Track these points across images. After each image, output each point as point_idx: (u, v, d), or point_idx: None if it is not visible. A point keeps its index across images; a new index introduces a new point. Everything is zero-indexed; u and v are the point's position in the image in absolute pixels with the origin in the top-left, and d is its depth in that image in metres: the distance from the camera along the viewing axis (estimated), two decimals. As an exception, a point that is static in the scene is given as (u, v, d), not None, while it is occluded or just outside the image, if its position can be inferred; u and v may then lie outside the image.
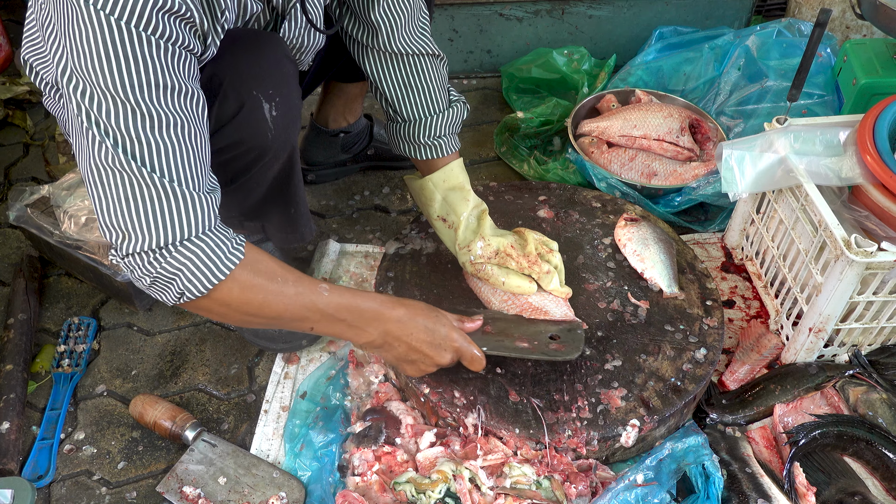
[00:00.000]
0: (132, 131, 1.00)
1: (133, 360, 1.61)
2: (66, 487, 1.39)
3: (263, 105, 1.24)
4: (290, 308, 1.17)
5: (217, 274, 1.09)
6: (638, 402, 1.36)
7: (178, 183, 1.04)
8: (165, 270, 1.07)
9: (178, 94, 1.02)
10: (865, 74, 1.85)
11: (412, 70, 1.47)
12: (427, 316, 1.28)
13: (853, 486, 1.34)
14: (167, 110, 1.01)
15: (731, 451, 1.37)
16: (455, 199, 1.49)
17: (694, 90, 2.19)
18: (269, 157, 1.31)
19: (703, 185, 1.86)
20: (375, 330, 1.25)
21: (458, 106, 1.53)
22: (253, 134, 1.25)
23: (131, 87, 0.97)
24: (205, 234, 1.08)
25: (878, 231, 1.45)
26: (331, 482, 1.34)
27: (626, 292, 1.55)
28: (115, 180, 1.02)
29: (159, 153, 1.02)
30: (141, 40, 0.96)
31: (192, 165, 1.05)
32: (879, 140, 1.45)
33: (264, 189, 1.41)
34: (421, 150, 1.51)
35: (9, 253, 1.83)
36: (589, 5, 2.34)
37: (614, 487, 1.26)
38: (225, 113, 1.22)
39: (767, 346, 1.59)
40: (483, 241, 1.47)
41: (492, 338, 1.38)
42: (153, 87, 0.99)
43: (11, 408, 1.45)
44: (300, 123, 1.35)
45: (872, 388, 1.48)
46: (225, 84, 1.21)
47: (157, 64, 0.98)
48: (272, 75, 1.25)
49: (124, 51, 0.96)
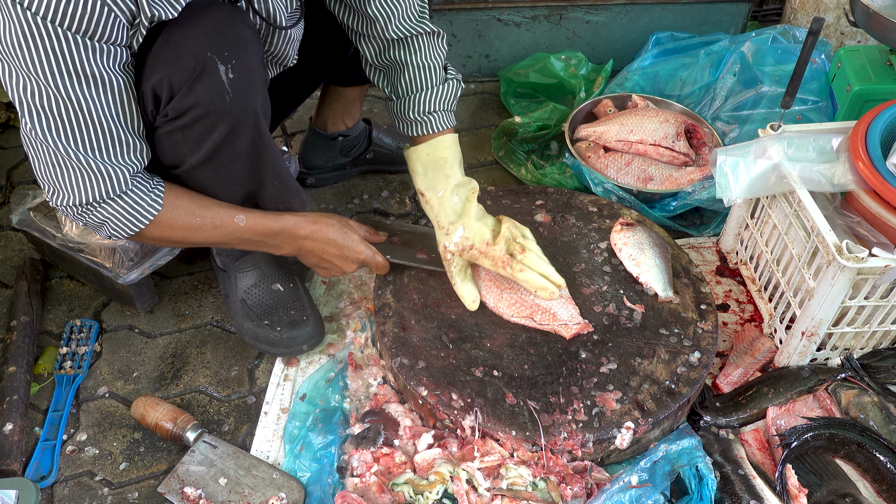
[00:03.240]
0: (51, 111, 1.15)
1: (134, 362, 1.62)
2: (69, 488, 1.41)
3: (219, 67, 1.22)
4: (209, 239, 1.40)
5: (137, 224, 1.30)
6: (633, 405, 1.37)
7: (93, 154, 1.20)
8: (93, 220, 1.28)
9: (92, 83, 1.14)
10: (859, 81, 1.87)
11: (407, 50, 1.48)
12: (336, 231, 1.47)
13: (844, 487, 1.36)
14: (81, 95, 1.14)
15: (724, 454, 1.39)
16: (436, 174, 1.49)
17: (690, 95, 2.21)
18: (231, 123, 1.28)
19: (699, 189, 1.87)
20: (290, 246, 1.47)
21: (452, 83, 1.52)
22: (210, 98, 1.23)
23: (51, 75, 1.10)
24: (121, 193, 1.26)
25: (870, 237, 1.47)
26: (330, 483, 1.36)
27: (622, 296, 1.57)
28: (40, 149, 1.20)
29: (73, 130, 1.17)
30: (59, 36, 1.07)
31: (104, 140, 1.20)
32: (871, 147, 1.47)
33: (242, 167, 1.37)
34: (413, 126, 1.51)
35: (11, 256, 1.84)
36: (586, 11, 2.36)
37: (609, 489, 1.28)
38: (180, 76, 1.21)
39: (761, 349, 1.61)
40: (463, 230, 1.47)
41: (397, 248, 1.58)
42: (68, 76, 1.11)
43: (14, 409, 1.46)
44: (263, 90, 1.32)
45: (864, 392, 1.50)
46: (179, 47, 1.21)
47: (73, 57, 1.10)
48: (227, 38, 1.24)
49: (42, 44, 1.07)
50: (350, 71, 1.83)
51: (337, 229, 1.48)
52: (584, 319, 1.49)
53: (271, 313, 1.59)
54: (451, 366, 1.43)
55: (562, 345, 1.47)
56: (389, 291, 1.58)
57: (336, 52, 1.73)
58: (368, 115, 2.29)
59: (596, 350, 1.46)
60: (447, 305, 1.55)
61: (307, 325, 1.57)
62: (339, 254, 1.49)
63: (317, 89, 1.91)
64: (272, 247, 1.47)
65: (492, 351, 1.46)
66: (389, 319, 1.53)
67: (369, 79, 1.59)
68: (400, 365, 1.44)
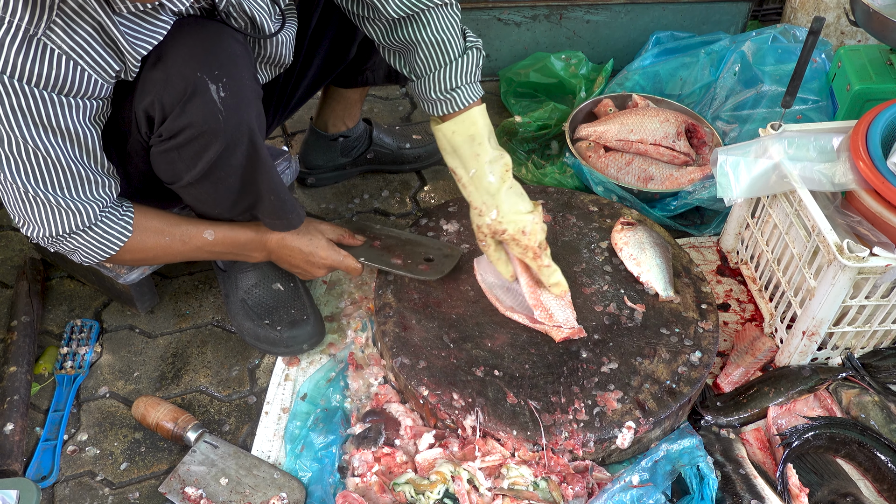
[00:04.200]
0: (19, 155, 1.17)
1: (135, 362, 1.62)
2: (70, 488, 1.41)
3: (210, 86, 1.22)
4: (180, 255, 1.45)
5: (108, 251, 1.34)
6: (634, 405, 1.37)
7: (61, 194, 1.23)
8: (64, 248, 1.32)
9: (59, 135, 1.17)
10: (859, 80, 1.87)
11: (416, 27, 1.40)
12: (300, 238, 1.50)
13: (845, 487, 1.36)
14: (49, 145, 1.17)
15: (725, 453, 1.39)
16: (466, 151, 1.42)
17: (690, 95, 2.21)
18: (226, 140, 1.27)
19: (699, 189, 1.87)
20: (260, 253, 1.51)
21: (472, 52, 1.42)
22: (203, 118, 1.23)
23: (17, 126, 1.13)
24: (90, 225, 1.29)
25: (871, 236, 1.47)
26: (331, 483, 1.36)
27: (623, 296, 1.57)
28: (9, 188, 1.22)
29: (40, 173, 1.20)
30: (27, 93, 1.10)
31: (71, 181, 1.23)
32: (872, 146, 1.47)
33: (236, 181, 1.36)
34: (437, 105, 1.42)
35: (12, 255, 1.84)
36: (586, 10, 2.36)
37: (610, 488, 1.28)
38: (172, 97, 1.21)
39: (762, 349, 1.61)
40: (497, 214, 1.41)
41: (375, 251, 1.61)
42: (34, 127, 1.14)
43: (15, 409, 1.46)
44: (256, 105, 1.31)
45: (865, 391, 1.50)
46: (169, 68, 1.21)
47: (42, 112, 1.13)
48: (216, 56, 1.23)
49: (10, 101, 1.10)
50: (351, 73, 1.83)
51: (301, 236, 1.50)
52: (579, 325, 1.49)
53: (272, 313, 1.59)
54: (452, 365, 1.43)
55: (562, 344, 1.47)
56: (390, 291, 1.58)
57: (338, 55, 1.73)
58: (369, 114, 2.29)
59: (597, 350, 1.46)
60: (448, 305, 1.55)
61: (307, 325, 1.57)
62: (306, 259, 1.52)
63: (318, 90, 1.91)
64: (245, 256, 1.52)
65: (493, 350, 1.46)
66: (390, 319, 1.53)
67: (388, 61, 1.51)
68: (401, 365, 1.44)
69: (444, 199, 2.02)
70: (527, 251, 1.43)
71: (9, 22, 1.04)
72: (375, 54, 1.78)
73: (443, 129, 1.43)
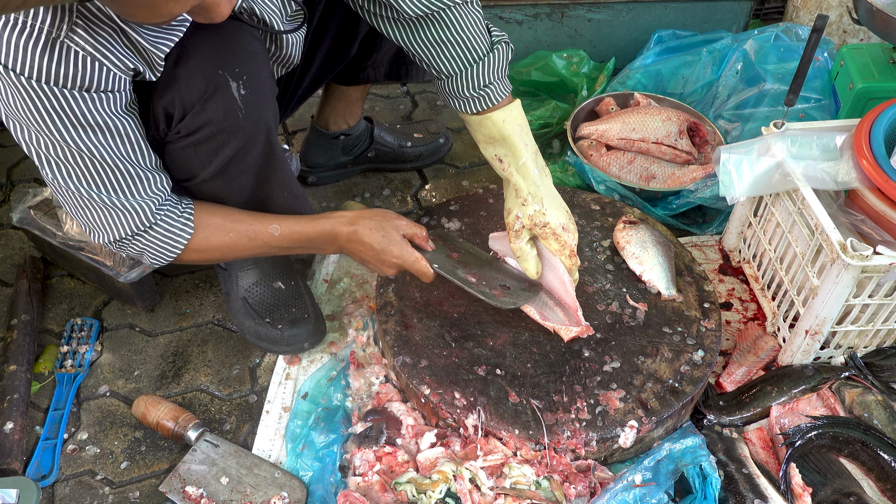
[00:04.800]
0: (66, 160, 1.18)
1: (135, 361, 1.62)
2: (70, 487, 1.40)
3: (231, 83, 1.23)
4: (247, 253, 1.41)
5: (173, 251, 1.33)
6: (636, 404, 1.37)
7: (115, 195, 1.23)
8: (131, 251, 1.32)
9: (98, 130, 1.17)
10: (862, 79, 1.87)
11: (439, 27, 1.37)
12: (374, 233, 1.39)
13: (849, 486, 1.36)
14: (91, 143, 1.17)
15: (728, 452, 1.39)
16: (513, 143, 1.41)
17: (692, 93, 2.21)
18: (244, 138, 1.29)
19: (701, 188, 1.87)
20: (331, 247, 1.43)
21: (500, 47, 1.41)
22: (223, 114, 1.25)
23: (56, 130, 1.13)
24: (150, 225, 1.28)
25: (874, 235, 1.47)
26: (332, 482, 1.35)
27: (625, 294, 1.57)
28: (67, 196, 1.24)
29: (90, 176, 1.21)
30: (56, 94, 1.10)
31: (121, 180, 1.23)
32: (875, 144, 1.47)
33: (250, 178, 1.37)
34: (470, 103, 1.41)
35: (11, 254, 1.84)
36: (588, 9, 2.35)
37: (613, 488, 1.28)
38: (193, 95, 1.23)
39: (764, 348, 1.61)
40: (541, 206, 1.41)
41: (449, 262, 1.47)
42: (73, 128, 1.14)
43: (15, 408, 1.46)
44: (273, 102, 1.33)
45: (868, 390, 1.50)
46: (191, 66, 1.22)
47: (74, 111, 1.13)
48: (237, 54, 1.25)
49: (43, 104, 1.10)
50: (352, 70, 1.83)
51: (375, 231, 1.39)
52: (587, 322, 1.48)
53: (272, 311, 1.58)
54: (454, 364, 1.43)
55: (565, 343, 1.46)
56: (391, 290, 1.58)
57: (339, 52, 1.72)
58: (370, 113, 2.29)
59: (599, 348, 1.46)
60: (449, 304, 1.54)
61: (308, 323, 1.57)
62: (377, 257, 1.41)
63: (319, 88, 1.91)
64: (313, 249, 1.45)
65: (494, 349, 1.46)
66: (391, 318, 1.52)
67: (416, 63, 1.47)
68: (402, 363, 1.44)
69: (445, 198, 2.02)
70: (564, 248, 1.44)
71: (31, 25, 1.04)
72: (377, 52, 1.78)
73: (492, 117, 1.40)
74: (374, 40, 1.75)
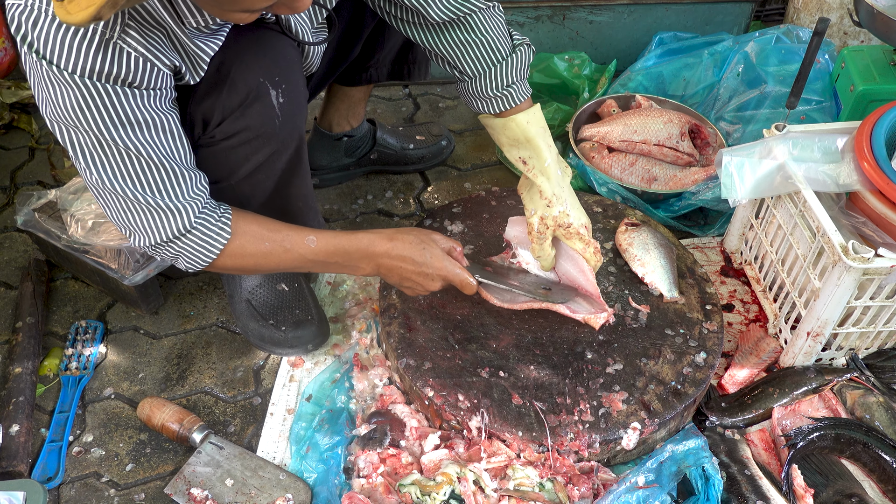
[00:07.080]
0: (112, 159, 1.17)
1: (140, 363, 1.62)
2: (76, 489, 1.41)
3: (270, 92, 1.26)
4: (282, 264, 1.36)
5: (209, 255, 1.30)
6: (639, 406, 1.38)
7: (159, 195, 1.22)
8: (168, 255, 1.30)
9: (144, 126, 1.16)
10: (863, 81, 1.87)
11: (463, 30, 1.39)
12: (413, 247, 1.37)
13: (850, 488, 1.36)
14: (137, 140, 1.16)
15: (730, 454, 1.39)
16: (537, 144, 1.42)
17: (693, 95, 2.21)
18: (278, 144, 1.33)
19: (703, 190, 1.88)
20: (368, 265, 1.38)
21: (522, 49, 1.43)
22: (261, 121, 1.28)
23: (104, 127, 1.13)
24: (190, 228, 1.26)
25: (876, 237, 1.47)
26: (336, 484, 1.36)
27: (627, 297, 1.57)
28: (109, 198, 1.23)
29: (135, 174, 1.19)
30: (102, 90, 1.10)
31: (166, 179, 1.22)
32: (876, 147, 1.47)
33: (272, 183, 1.40)
34: (492, 103, 1.43)
35: (16, 257, 1.84)
36: (590, 11, 2.36)
37: (616, 489, 1.28)
38: (233, 101, 1.25)
39: (766, 349, 1.61)
40: (567, 207, 1.44)
41: (487, 273, 1.48)
42: (121, 125, 1.14)
43: (20, 410, 1.46)
44: (307, 112, 1.35)
45: (869, 392, 1.50)
46: (232, 72, 1.24)
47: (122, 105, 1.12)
48: (277, 63, 1.28)
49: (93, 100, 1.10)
50: (355, 70, 1.84)
51: (415, 245, 1.37)
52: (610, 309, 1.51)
53: (276, 313, 1.59)
54: (458, 366, 1.43)
55: (567, 346, 1.47)
56: (395, 292, 1.58)
57: (342, 53, 1.73)
58: (372, 115, 2.29)
59: (602, 351, 1.47)
60: (453, 306, 1.55)
61: (312, 325, 1.58)
62: (418, 271, 1.37)
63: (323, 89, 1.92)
64: (349, 268, 1.39)
65: (498, 352, 1.46)
66: (395, 320, 1.53)
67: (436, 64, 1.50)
68: (406, 366, 1.44)
69: (448, 200, 2.02)
70: (588, 246, 1.47)
71: (85, 28, 1.05)
72: (379, 52, 1.79)
73: (516, 119, 1.42)
74: (377, 41, 1.76)
